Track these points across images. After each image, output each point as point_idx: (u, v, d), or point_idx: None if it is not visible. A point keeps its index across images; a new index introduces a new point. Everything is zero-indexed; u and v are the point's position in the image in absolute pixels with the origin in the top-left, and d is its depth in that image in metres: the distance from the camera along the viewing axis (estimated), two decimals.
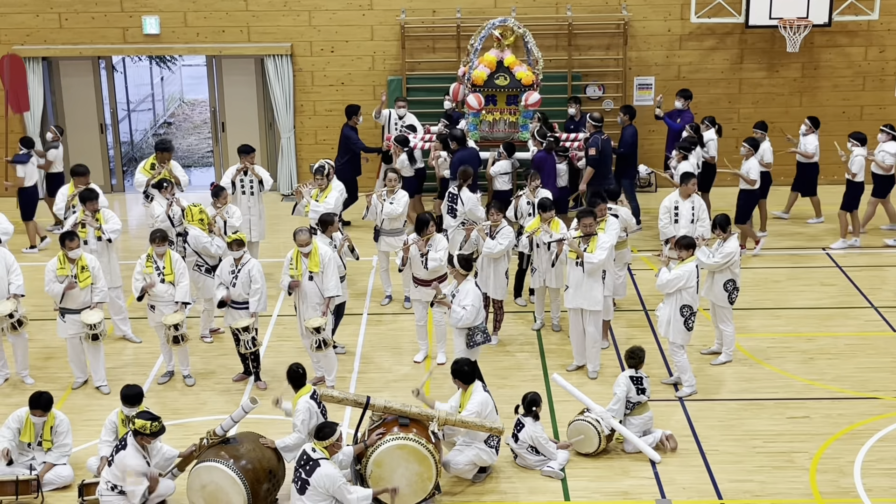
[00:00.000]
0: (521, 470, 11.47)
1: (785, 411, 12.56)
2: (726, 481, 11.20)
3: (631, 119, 17.93)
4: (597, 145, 16.94)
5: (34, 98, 20.20)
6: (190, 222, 14.30)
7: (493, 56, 17.78)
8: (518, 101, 17.81)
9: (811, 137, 18.19)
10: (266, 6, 20.02)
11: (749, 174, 16.85)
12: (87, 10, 20.01)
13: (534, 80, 17.74)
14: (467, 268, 12.44)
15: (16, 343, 13.26)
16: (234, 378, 13.51)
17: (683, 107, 18.73)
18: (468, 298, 12.21)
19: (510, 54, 17.87)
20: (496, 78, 17.70)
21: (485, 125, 17.99)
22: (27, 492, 10.90)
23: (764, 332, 14.66)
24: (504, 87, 17.74)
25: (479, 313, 12.28)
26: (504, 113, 17.99)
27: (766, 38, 20.09)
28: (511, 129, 18.00)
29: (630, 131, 17.85)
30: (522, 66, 17.81)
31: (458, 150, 16.73)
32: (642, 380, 11.81)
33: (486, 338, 12.31)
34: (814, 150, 18.14)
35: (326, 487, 9.94)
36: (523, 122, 17.95)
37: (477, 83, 17.63)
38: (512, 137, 17.77)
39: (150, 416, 10.36)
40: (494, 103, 17.93)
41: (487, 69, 17.67)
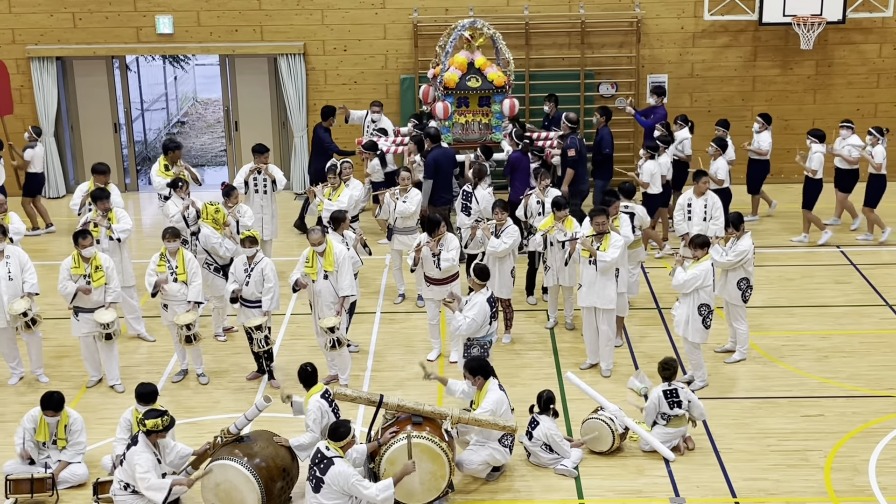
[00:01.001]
0: (534, 468, 11.47)
1: (799, 409, 12.52)
2: (740, 480, 11.17)
3: (607, 121, 17.90)
4: (575, 146, 16.96)
5: (48, 97, 20.27)
6: (204, 220, 14.33)
7: (463, 58, 17.72)
8: (490, 102, 17.74)
9: (764, 135, 18.19)
10: (279, 5, 20.05)
11: (717, 174, 16.80)
12: (100, 10, 20.07)
13: (506, 81, 17.68)
14: (482, 278, 12.38)
15: (30, 342, 13.31)
16: (248, 377, 13.54)
17: (657, 103, 18.69)
18: (473, 311, 12.15)
19: (481, 56, 17.84)
20: (468, 80, 17.60)
21: (457, 127, 17.87)
22: (42, 490, 10.93)
23: (778, 330, 14.62)
24: (476, 88, 17.62)
25: (480, 328, 12.16)
26: (477, 115, 17.85)
27: (780, 35, 20.03)
28: (484, 130, 17.90)
29: (607, 132, 17.82)
30: (493, 68, 17.76)
31: (433, 148, 16.73)
32: (677, 392, 11.64)
33: (482, 352, 12.20)
34: (767, 147, 18.13)
35: (341, 485, 9.95)
36: (496, 123, 17.87)
37: (449, 85, 17.54)
38: (485, 139, 17.73)
39: (157, 413, 10.37)
40: (467, 105, 17.80)
41: (459, 71, 17.60)
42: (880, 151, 17.30)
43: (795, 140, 20.36)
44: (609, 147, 17.67)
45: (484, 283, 12.32)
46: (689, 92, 20.42)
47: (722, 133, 17.67)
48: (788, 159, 20.46)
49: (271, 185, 16.17)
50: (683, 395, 11.64)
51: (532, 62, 20.21)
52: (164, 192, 15.73)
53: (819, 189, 17.38)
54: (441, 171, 16.28)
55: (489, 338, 12.29)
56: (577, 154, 16.91)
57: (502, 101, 17.62)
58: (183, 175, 15.62)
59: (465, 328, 12.10)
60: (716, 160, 16.93)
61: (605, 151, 17.62)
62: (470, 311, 12.13)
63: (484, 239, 14.12)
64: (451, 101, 17.58)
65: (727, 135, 17.69)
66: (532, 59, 20.19)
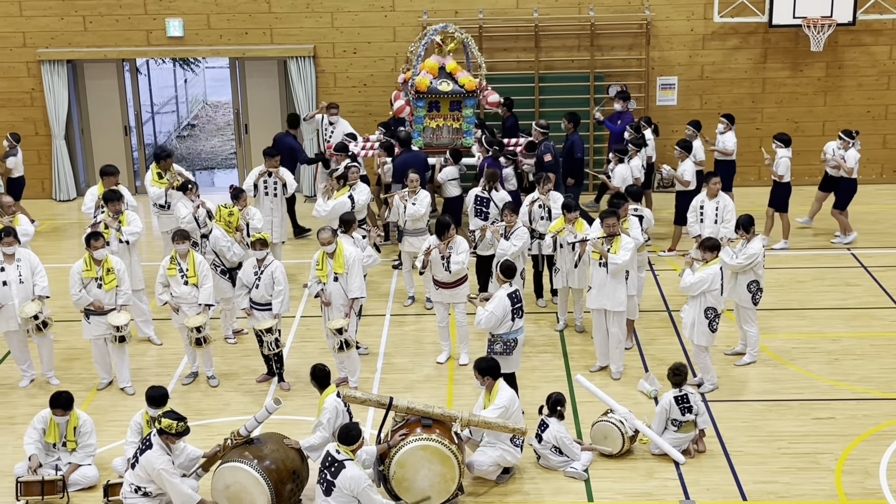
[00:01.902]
0: (544, 471, 11.46)
1: (810, 412, 12.49)
2: (751, 482, 11.15)
3: (575, 127, 17.92)
4: (550, 151, 17.01)
5: (59, 100, 20.33)
6: (217, 222, 14.35)
7: (434, 62, 17.74)
8: (461, 107, 17.73)
9: (729, 135, 18.16)
10: (289, 8, 20.08)
11: (683, 175, 16.76)
12: (111, 13, 20.13)
13: (477, 85, 17.68)
14: (508, 275, 12.28)
15: (41, 344, 13.35)
16: (258, 379, 13.55)
17: (623, 108, 18.71)
18: (493, 304, 12.12)
19: (452, 60, 17.83)
20: (438, 84, 17.63)
21: (428, 132, 17.89)
22: (53, 492, 10.95)
23: (788, 332, 14.59)
24: (447, 93, 17.64)
25: (501, 323, 12.12)
26: (448, 119, 17.87)
27: (790, 37, 20.00)
28: (455, 135, 17.89)
29: (577, 138, 17.85)
30: (464, 72, 17.77)
31: (402, 153, 16.71)
32: (688, 397, 11.62)
33: (505, 349, 12.20)
34: (732, 147, 18.11)
35: (352, 489, 9.95)
36: (467, 128, 17.86)
37: (419, 89, 17.54)
38: (456, 143, 17.72)
39: (176, 415, 10.39)
40: (438, 109, 17.81)
41: (430, 75, 17.61)
42: (852, 155, 17.27)
43: (806, 142, 20.37)
44: (580, 152, 17.74)
45: (508, 279, 12.27)
46: (699, 94, 20.40)
47: (691, 133, 17.68)
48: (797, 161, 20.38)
49: (281, 189, 16.18)
50: (694, 400, 11.62)
51: (542, 64, 20.20)
52: (160, 201, 15.72)
53: (788, 192, 17.35)
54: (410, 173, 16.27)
55: (513, 335, 12.20)
56: (553, 159, 16.97)
57: (472, 104, 17.62)
58: (177, 181, 15.61)
59: (485, 322, 12.06)
60: (682, 162, 16.94)
61: (576, 156, 17.69)
62: (490, 305, 12.11)
63: (493, 240, 14.11)
64: (421, 105, 17.62)
65: (696, 136, 17.69)
66: (542, 61, 20.18)
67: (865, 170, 20.62)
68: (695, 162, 17.20)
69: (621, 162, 16.62)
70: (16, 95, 20.52)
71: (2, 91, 20.48)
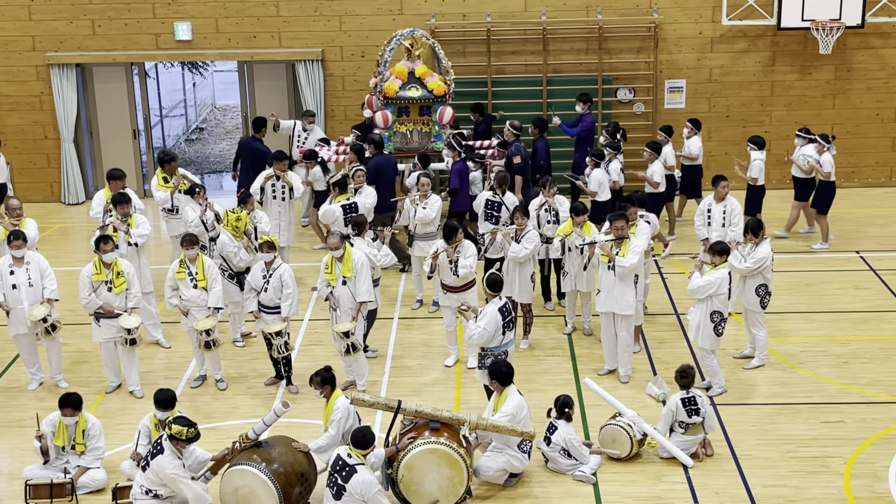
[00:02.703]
0: (552, 474, 11.45)
1: (819, 416, 12.46)
2: (759, 486, 11.13)
3: (542, 133, 17.92)
4: (521, 153, 17.02)
5: (68, 104, 20.38)
6: (224, 227, 14.36)
7: (404, 67, 17.75)
8: (431, 111, 17.75)
9: (694, 139, 18.17)
10: (297, 12, 20.11)
11: (653, 177, 16.74)
12: (119, 17, 20.17)
13: (446, 90, 17.68)
14: (494, 289, 12.28)
15: (50, 347, 13.38)
16: (266, 382, 13.56)
17: (584, 111, 18.68)
18: (484, 320, 12.06)
19: (421, 65, 17.83)
20: (408, 89, 17.64)
21: (398, 136, 17.92)
22: (61, 495, 10.98)
23: (797, 335, 14.56)
24: (416, 98, 17.66)
25: (492, 338, 12.05)
26: (417, 124, 17.89)
27: (799, 40, 19.98)
28: (425, 139, 17.92)
29: (543, 144, 17.86)
30: (434, 77, 17.77)
31: (375, 155, 16.74)
32: (695, 399, 11.60)
33: None
34: (697, 151, 18.10)
35: (363, 494, 9.95)
36: (437, 132, 17.88)
37: (388, 95, 17.58)
38: (426, 148, 17.72)
39: (186, 421, 10.39)
40: (407, 114, 17.85)
41: (399, 80, 17.63)
42: (828, 159, 17.23)
43: None
44: (544, 159, 17.78)
45: (495, 293, 12.25)
46: (707, 97, 20.38)
47: (663, 139, 17.69)
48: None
49: (289, 192, 16.20)
50: (701, 402, 11.61)
51: (550, 67, 20.20)
52: (166, 205, 15.74)
53: (762, 195, 17.33)
54: (382, 177, 16.30)
55: (503, 348, 12.17)
56: (523, 161, 16.98)
57: (439, 110, 17.63)
58: (183, 185, 15.64)
59: (477, 338, 12.03)
60: (651, 164, 16.92)
61: (540, 163, 17.72)
62: (481, 321, 12.06)
63: (504, 244, 14.10)
64: (391, 111, 17.63)
65: (668, 141, 17.71)
66: (550, 64, 20.18)
67: (875, 173, 20.62)
68: (665, 166, 17.17)
69: (598, 167, 16.58)
70: (25, 99, 20.58)
71: (11, 95, 20.54)
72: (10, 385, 13.70)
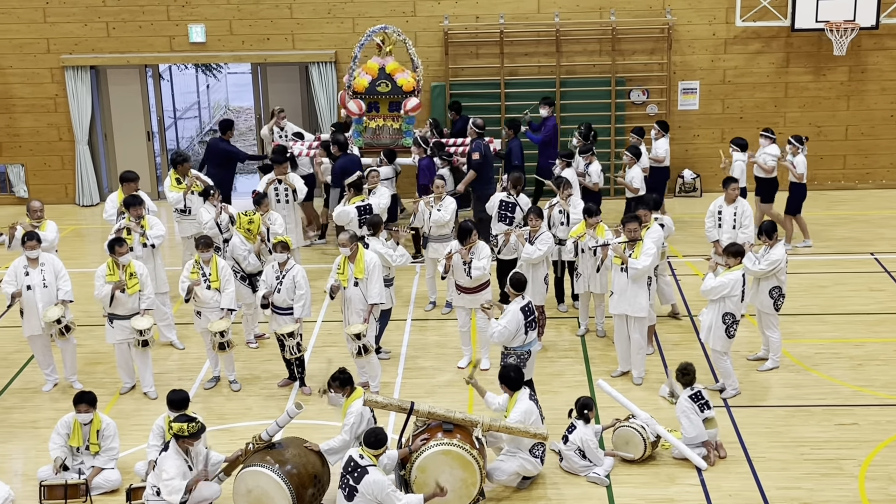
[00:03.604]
0: (566, 476, 11.44)
1: (833, 418, 12.42)
2: (773, 488, 11.09)
3: (515, 133, 17.90)
4: (480, 150, 17.02)
5: (83, 106, 20.45)
6: (237, 229, 14.39)
7: (375, 63, 17.78)
8: (400, 107, 17.77)
9: (661, 141, 18.15)
10: (310, 14, 20.14)
11: (632, 182, 16.69)
12: (134, 20, 20.24)
13: (415, 86, 17.69)
14: (517, 288, 12.34)
15: (64, 348, 13.43)
16: (280, 383, 13.58)
17: (548, 114, 18.66)
18: (506, 318, 12.09)
19: (392, 61, 17.84)
20: (378, 85, 17.65)
21: (369, 132, 17.93)
22: (76, 496, 11.02)
23: (811, 337, 14.52)
24: (385, 93, 17.67)
25: (514, 337, 12.10)
26: (387, 119, 17.91)
27: (813, 41, 19.93)
28: (395, 135, 17.93)
29: (517, 144, 17.85)
30: (405, 73, 17.78)
31: (340, 156, 16.79)
32: (702, 394, 11.65)
33: (518, 362, 12.11)
34: (664, 153, 18.09)
35: (375, 494, 9.95)
36: (406, 128, 17.87)
37: (358, 90, 17.60)
38: (397, 143, 17.74)
39: (186, 417, 10.41)
40: (377, 110, 17.86)
41: (369, 76, 17.65)
42: (801, 161, 17.18)
43: (829, 147, 20.31)
44: (518, 159, 17.76)
45: (519, 292, 12.27)
46: (721, 98, 20.35)
47: (636, 141, 17.64)
48: (822, 166, 20.37)
49: (292, 195, 16.23)
50: (707, 394, 11.67)
51: (563, 69, 20.19)
52: (179, 206, 15.79)
53: (743, 196, 17.20)
54: (348, 177, 16.24)
55: (526, 348, 12.19)
56: (482, 158, 17.01)
57: (406, 100, 17.66)
58: (196, 187, 15.68)
59: (498, 336, 12.06)
60: (631, 168, 16.89)
61: (514, 163, 17.70)
62: (503, 319, 12.10)
63: (518, 245, 14.09)
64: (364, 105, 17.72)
65: (640, 142, 17.66)
66: (563, 66, 20.17)
67: (890, 174, 20.55)
68: (641, 169, 17.16)
69: (568, 167, 16.54)
70: (40, 101, 20.67)
71: (26, 97, 20.62)
72: (24, 386, 13.75)
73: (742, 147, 17.33)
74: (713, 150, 20.16)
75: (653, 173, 17.85)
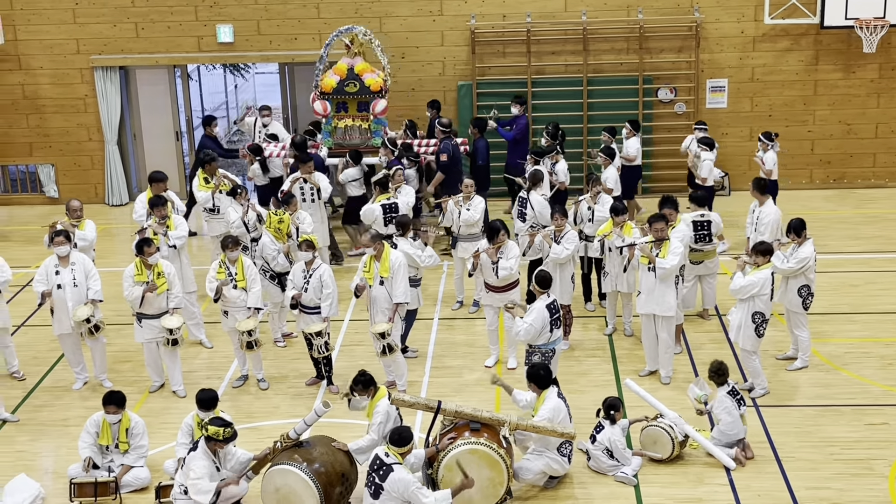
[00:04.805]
0: (594, 475, 11.41)
1: (863, 418, 12.34)
2: (803, 488, 11.03)
3: (481, 132, 17.85)
4: (448, 151, 17.01)
5: (112, 106, 20.58)
6: (267, 228, 14.44)
7: (344, 64, 17.76)
8: (369, 107, 17.73)
9: (632, 140, 18.03)
10: (337, 13, 20.17)
11: (607, 183, 16.60)
12: (162, 20, 20.35)
13: (382, 86, 17.65)
14: (543, 286, 12.32)
15: (94, 347, 13.52)
16: (307, 382, 13.62)
17: (519, 112, 18.57)
18: (531, 316, 12.09)
19: (361, 61, 17.82)
20: (346, 85, 17.62)
21: (339, 132, 17.90)
22: (106, 493, 11.09)
23: (841, 337, 14.42)
24: (353, 93, 17.64)
25: (540, 335, 12.10)
26: (356, 120, 17.87)
27: (842, 38, 19.78)
28: (365, 135, 17.88)
29: (483, 144, 17.78)
30: (374, 74, 17.74)
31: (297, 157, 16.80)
32: (736, 390, 11.63)
33: (543, 360, 12.14)
34: (635, 152, 17.97)
35: (400, 492, 9.97)
36: (375, 128, 17.83)
37: (326, 90, 17.59)
38: (366, 144, 17.70)
39: (222, 422, 10.46)
40: (346, 110, 17.84)
41: (337, 76, 17.62)
42: (771, 157, 17.07)
43: (860, 145, 20.17)
44: (483, 159, 17.72)
45: (544, 290, 12.27)
46: (750, 96, 20.23)
47: (608, 140, 17.55)
48: (852, 164, 20.24)
49: (317, 194, 16.27)
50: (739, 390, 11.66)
51: (590, 67, 20.14)
52: (207, 205, 15.86)
53: (712, 195, 17.17)
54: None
55: (551, 346, 12.19)
56: (450, 159, 17.00)
57: (374, 103, 17.64)
58: (224, 186, 15.75)
59: (524, 334, 12.06)
60: (606, 168, 16.78)
61: (479, 163, 17.65)
62: (528, 317, 12.10)
63: (543, 245, 14.07)
64: (329, 104, 17.72)
65: (611, 141, 17.58)
66: (590, 64, 20.12)
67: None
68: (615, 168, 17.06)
69: (537, 164, 16.52)
70: (69, 102, 20.81)
71: (56, 97, 20.77)
72: (54, 384, 13.85)
73: (710, 146, 17.29)
74: (742, 149, 20.07)
75: (624, 172, 17.75)
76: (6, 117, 20.87)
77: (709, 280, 14.68)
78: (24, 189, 21.45)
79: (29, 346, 14.76)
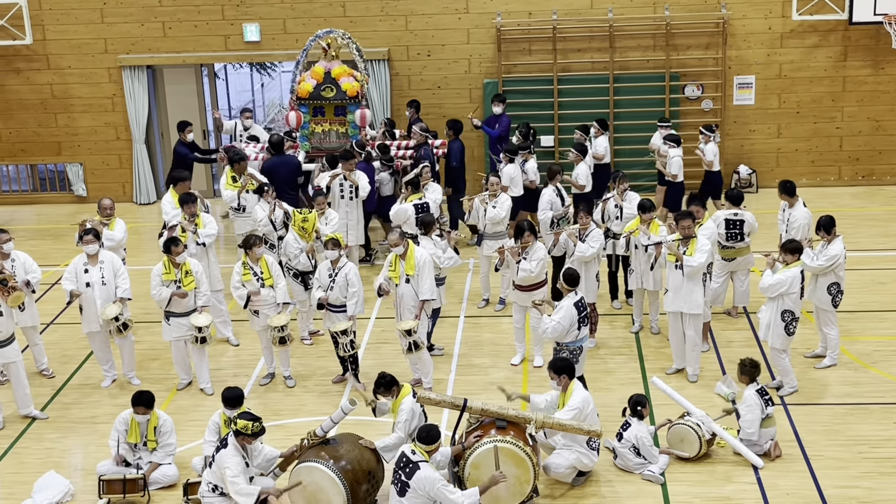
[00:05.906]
0: (620, 473, 11.39)
1: (892, 416, 12.25)
2: (831, 487, 10.97)
3: (456, 134, 17.79)
4: (429, 157, 17.00)
5: (139, 105, 20.69)
6: (293, 226, 14.48)
7: (321, 67, 17.71)
8: (346, 112, 17.69)
9: (601, 139, 17.94)
10: (363, 11, 20.21)
11: (577, 179, 16.48)
12: (189, 19, 20.44)
13: (359, 90, 17.59)
14: (571, 283, 12.30)
15: (122, 345, 13.60)
16: (334, 380, 13.66)
17: (501, 111, 18.51)
18: (560, 314, 12.06)
19: (339, 65, 17.77)
20: (322, 89, 17.58)
21: (316, 136, 17.87)
22: (134, 490, 11.15)
23: (870, 335, 14.32)
24: (330, 98, 17.60)
25: (567, 333, 12.05)
26: (334, 124, 17.83)
27: (871, 34, 19.64)
28: (342, 139, 17.83)
29: (457, 146, 17.73)
30: (350, 78, 17.66)
31: (274, 156, 16.77)
32: (765, 390, 11.58)
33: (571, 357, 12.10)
34: (604, 151, 17.89)
35: (427, 490, 9.97)
36: (353, 132, 17.77)
37: (301, 95, 17.56)
38: (343, 148, 17.61)
39: (251, 416, 10.51)
40: (323, 114, 17.81)
41: (314, 80, 17.58)
42: (710, 149, 17.28)
43: (890, 141, 20.01)
44: (457, 160, 17.68)
45: (572, 288, 12.24)
46: (777, 93, 20.12)
47: (581, 137, 17.46)
48: (881, 161, 20.10)
49: (356, 191, 16.29)
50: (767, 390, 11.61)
51: (616, 65, 20.08)
52: (234, 203, 15.92)
53: (682, 192, 17.19)
54: (275, 178, 16.24)
55: (578, 343, 12.16)
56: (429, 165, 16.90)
57: (356, 112, 17.60)
58: (251, 185, 15.80)
59: (551, 331, 12.04)
60: (577, 165, 16.70)
61: (452, 164, 17.62)
62: (556, 314, 12.07)
63: (567, 243, 14.04)
64: (304, 111, 17.67)
65: (585, 139, 17.50)
66: (616, 61, 20.07)
67: None
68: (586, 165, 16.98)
69: (511, 162, 16.49)
70: (98, 101, 20.95)
71: (84, 96, 20.91)
72: (83, 382, 13.95)
73: (677, 142, 17.29)
74: (769, 146, 19.97)
75: (595, 171, 17.67)
76: (35, 117, 21.04)
77: (741, 277, 14.61)
78: (52, 188, 21.63)
79: (58, 344, 14.87)
